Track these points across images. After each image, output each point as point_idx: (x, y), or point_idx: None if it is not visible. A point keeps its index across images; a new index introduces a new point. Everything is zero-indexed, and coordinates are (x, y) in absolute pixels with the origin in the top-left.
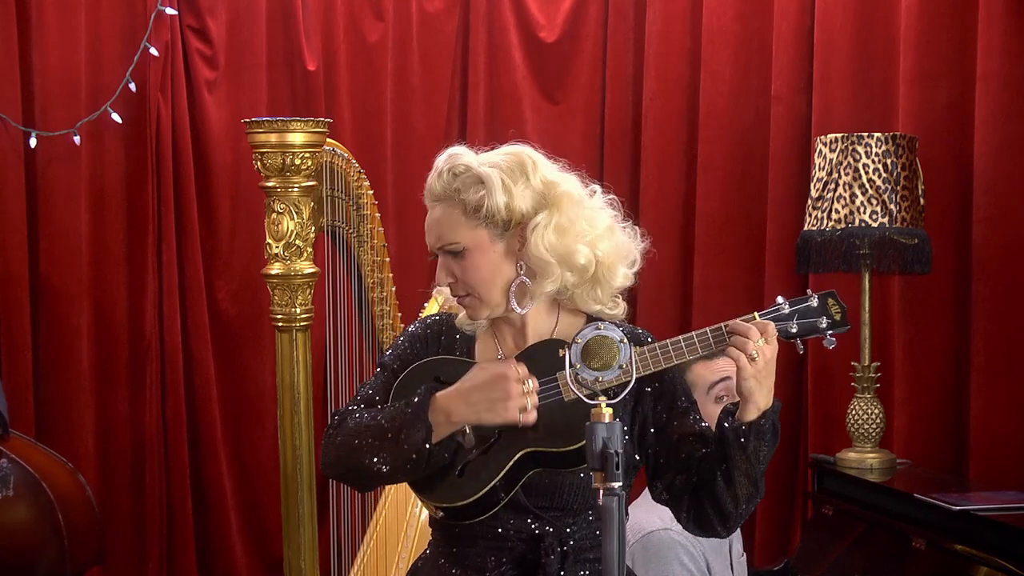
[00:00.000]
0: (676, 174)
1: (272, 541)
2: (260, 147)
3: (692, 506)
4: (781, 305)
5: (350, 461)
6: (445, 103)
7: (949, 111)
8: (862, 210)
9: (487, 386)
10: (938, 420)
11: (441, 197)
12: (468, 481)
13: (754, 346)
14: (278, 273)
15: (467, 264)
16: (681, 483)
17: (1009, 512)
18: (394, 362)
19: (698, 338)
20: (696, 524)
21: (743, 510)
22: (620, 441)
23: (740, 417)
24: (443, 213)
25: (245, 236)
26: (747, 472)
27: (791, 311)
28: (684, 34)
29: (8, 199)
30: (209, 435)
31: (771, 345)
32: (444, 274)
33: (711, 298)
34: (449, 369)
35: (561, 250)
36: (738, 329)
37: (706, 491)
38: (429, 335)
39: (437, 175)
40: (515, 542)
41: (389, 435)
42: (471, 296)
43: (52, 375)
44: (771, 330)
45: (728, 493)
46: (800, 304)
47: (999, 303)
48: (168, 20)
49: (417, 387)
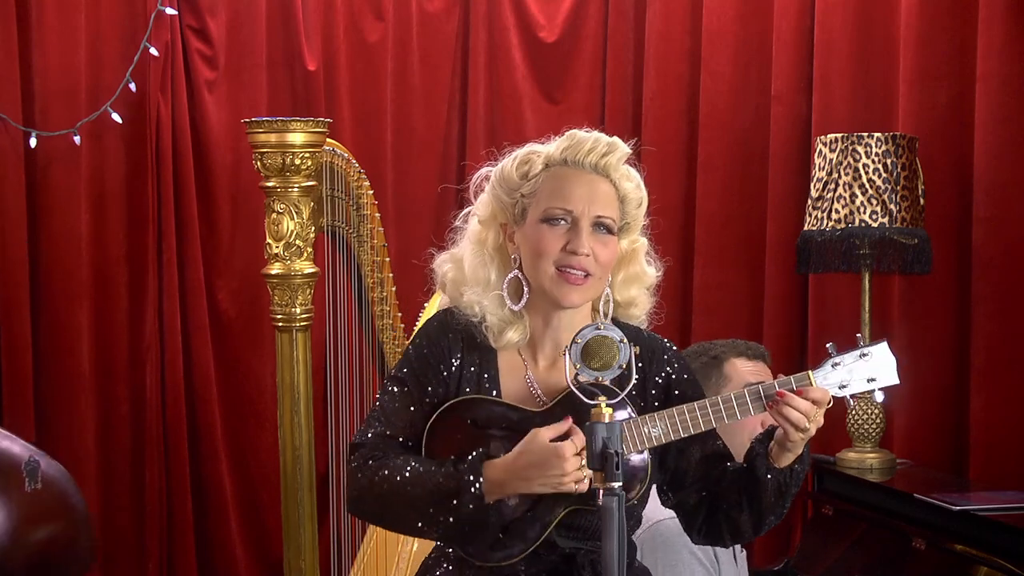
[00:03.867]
0: (676, 174)
1: (272, 541)
2: (260, 147)
3: (706, 524)
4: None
5: (389, 519)
6: (445, 103)
7: (949, 111)
8: (862, 210)
9: (543, 464)
10: (938, 420)
11: (602, 172)
12: (513, 540)
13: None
14: (278, 273)
15: (611, 244)
16: (695, 500)
17: (1009, 512)
18: (411, 378)
19: (750, 397)
20: (707, 539)
21: (762, 532)
22: (620, 441)
23: (777, 461)
24: (604, 187)
25: (245, 236)
26: (774, 509)
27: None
28: (684, 34)
29: (8, 199)
30: (209, 435)
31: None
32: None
33: (711, 298)
34: (484, 412)
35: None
36: (796, 405)
37: (726, 517)
38: (447, 338)
39: (597, 150)
40: (547, 556)
41: (435, 499)
42: (592, 277)
43: (52, 375)
44: (827, 399)
45: (750, 523)
46: (853, 361)
47: (999, 303)
48: (168, 20)
49: (453, 434)
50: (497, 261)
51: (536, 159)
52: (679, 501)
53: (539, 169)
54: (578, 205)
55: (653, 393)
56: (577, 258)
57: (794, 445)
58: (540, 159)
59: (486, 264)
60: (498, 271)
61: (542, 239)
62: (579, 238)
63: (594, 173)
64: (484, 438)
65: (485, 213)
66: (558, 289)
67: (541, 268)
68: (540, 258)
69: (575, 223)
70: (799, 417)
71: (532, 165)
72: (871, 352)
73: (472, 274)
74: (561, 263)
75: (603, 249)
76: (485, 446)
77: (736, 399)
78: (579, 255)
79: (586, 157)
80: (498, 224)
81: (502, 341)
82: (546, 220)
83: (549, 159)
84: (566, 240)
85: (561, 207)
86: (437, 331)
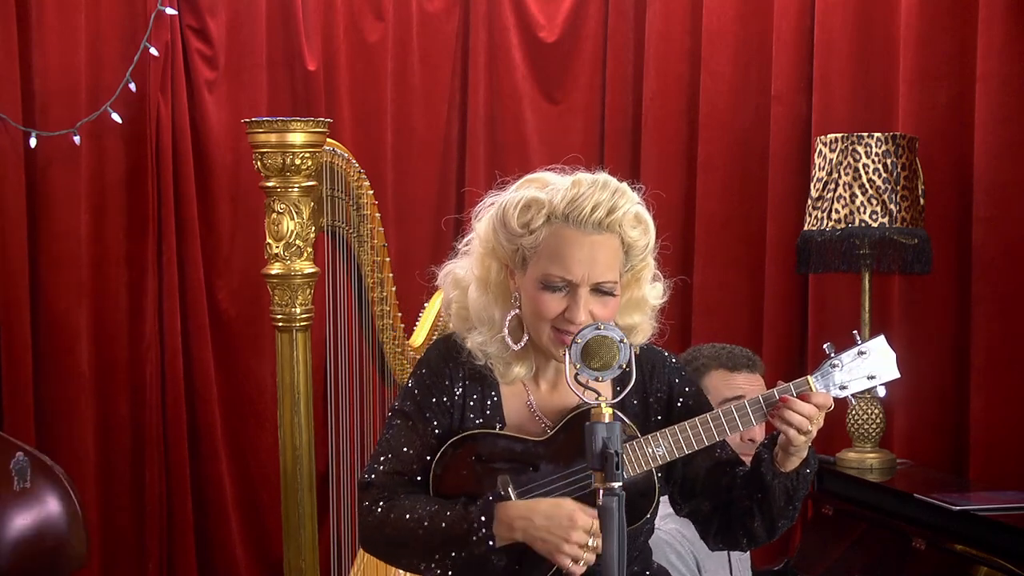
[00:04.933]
0: (676, 174)
1: (272, 541)
2: (260, 147)
3: (721, 531)
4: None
5: (399, 559)
6: (445, 103)
7: (949, 111)
8: (862, 210)
9: (554, 520)
10: (938, 420)
11: (603, 228)
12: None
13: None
14: (278, 273)
15: (611, 304)
16: (707, 509)
17: (1009, 512)
18: (415, 412)
19: (751, 407)
20: (724, 544)
21: (776, 535)
22: (620, 441)
23: (783, 466)
24: (608, 245)
25: (245, 236)
26: (786, 513)
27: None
28: (684, 34)
29: (8, 199)
30: (209, 435)
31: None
32: (583, 313)
33: (711, 298)
34: (487, 447)
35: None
36: (798, 409)
37: (740, 525)
38: (450, 370)
39: (601, 206)
40: None
41: (447, 539)
42: None
43: (52, 375)
44: (828, 402)
45: (763, 528)
46: (852, 360)
47: (999, 303)
48: (168, 20)
49: (460, 469)
50: (500, 299)
51: (539, 210)
52: (692, 509)
53: (541, 223)
54: (578, 272)
55: (656, 408)
56: (574, 325)
57: (797, 449)
58: (543, 211)
59: (490, 304)
60: (501, 309)
61: (540, 303)
62: (576, 307)
63: (597, 232)
64: (490, 473)
65: (487, 247)
66: (555, 349)
67: (539, 328)
68: (538, 320)
69: (573, 289)
70: (801, 421)
71: (534, 217)
72: (869, 348)
73: (477, 315)
74: (558, 327)
75: (602, 309)
76: (491, 481)
77: (737, 411)
78: (576, 324)
79: (590, 216)
80: (499, 259)
81: (509, 377)
82: (545, 286)
83: (552, 212)
84: (564, 306)
85: (560, 276)
86: (438, 361)
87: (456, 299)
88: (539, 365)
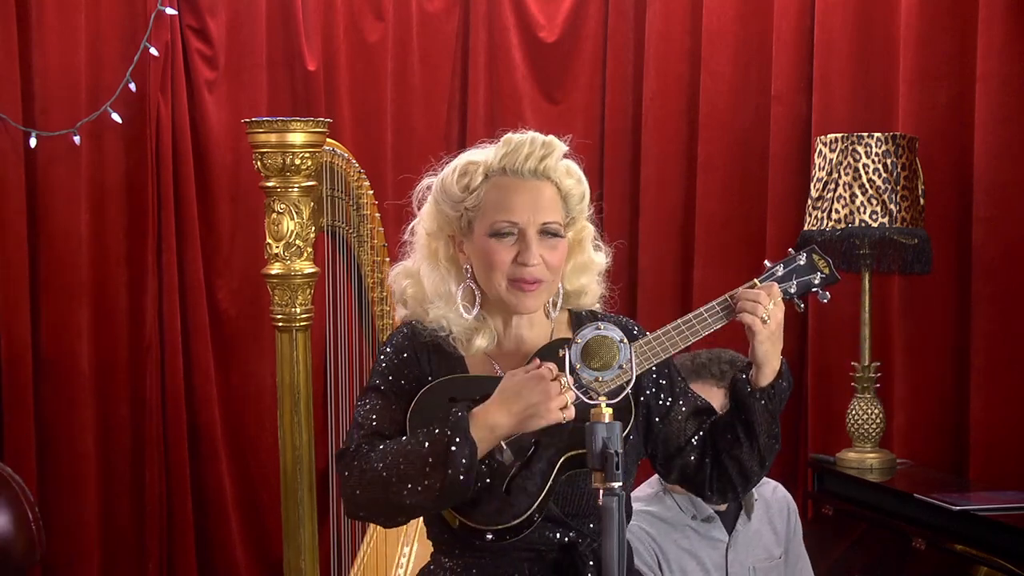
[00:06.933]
0: (676, 174)
1: (272, 541)
2: (260, 147)
3: (715, 477)
4: (775, 268)
5: (384, 497)
6: (445, 103)
7: (949, 111)
8: (862, 210)
9: (525, 392)
10: (938, 420)
11: (542, 175)
12: (518, 497)
13: (764, 309)
14: (278, 273)
15: (559, 247)
16: (695, 461)
17: (1009, 512)
18: (387, 385)
19: (707, 312)
20: (719, 493)
21: (766, 467)
22: (620, 441)
23: (757, 382)
24: (546, 191)
25: (245, 236)
26: (771, 433)
27: (785, 272)
28: (684, 34)
29: (8, 199)
30: (209, 435)
31: (779, 306)
32: (536, 255)
33: (711, 298)
34: (461, 388)
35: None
36: (748, 296)
37: (730, 459)
38: (415, 350)
39: (534, 154)
40: (548, 552)
41: (430, 459)
42: (544, 282)
43: (52, 375)
44: (776, 291)
45: (754, 457)
46: (791, 264)
47: (999, 303)
48: (168, 20)
49: (435, 411)
50: (453, 272)
51: (475, 170)
52: (680, 470)
53: (479, 180)
54: (523, 216)
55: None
56: (528, 269)
57: (761, 345)
58: (479, 169)
59: (444, 278)
60: (456, 282)
61: (492, 253)
62: (528, 250)
63: (534, 178)
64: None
65: (432, 226)
66: (514, 299)
67: (494, 280)
68: (492, 271)
69: (522, 234)
70: (753, 305)
71: (472, 177)
72: (802, 256)
73: (433, 289)
74: (513, 275)
75: (552, 253)
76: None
77: (706, 311)
78: (530, 266)
79: (524, 163)
80: (446, 235)
81: (472, 349)
82: (494, 234)
83: (488, 168)
84: (515, 252)
85: (507, 220)
86: (402, 341)
87: (410, 286)
88: (500, 338)
